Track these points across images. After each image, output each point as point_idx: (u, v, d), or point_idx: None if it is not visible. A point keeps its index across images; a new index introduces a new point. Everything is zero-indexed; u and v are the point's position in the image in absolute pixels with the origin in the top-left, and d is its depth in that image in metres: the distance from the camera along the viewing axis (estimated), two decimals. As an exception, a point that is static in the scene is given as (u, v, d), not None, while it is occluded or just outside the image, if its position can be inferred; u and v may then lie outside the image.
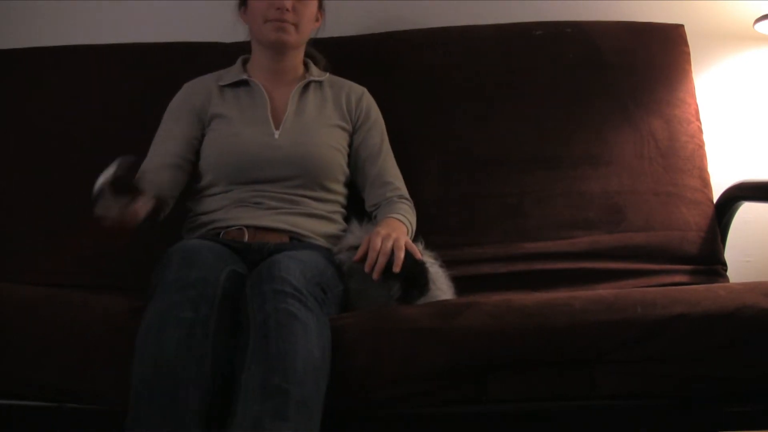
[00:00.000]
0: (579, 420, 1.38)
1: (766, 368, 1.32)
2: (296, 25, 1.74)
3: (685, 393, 1.34)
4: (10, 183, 1.97)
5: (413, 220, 1.75)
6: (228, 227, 1.66)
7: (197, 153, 1.76)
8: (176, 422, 1.20)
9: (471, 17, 2.12)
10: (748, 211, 2.00)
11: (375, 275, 1.46)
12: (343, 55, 1.95)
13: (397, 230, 1.59)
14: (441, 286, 1.56)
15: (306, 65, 1.86)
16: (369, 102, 1.85)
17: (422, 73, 2.02)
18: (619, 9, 2.17)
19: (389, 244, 1.47)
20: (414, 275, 1.49)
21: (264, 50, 1.80)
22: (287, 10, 1.71)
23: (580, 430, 1.40)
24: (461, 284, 1.63)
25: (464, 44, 2.04)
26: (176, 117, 1.79)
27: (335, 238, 1.69)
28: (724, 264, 1.87)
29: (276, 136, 1.72)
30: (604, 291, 1.54)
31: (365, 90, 1.86)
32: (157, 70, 2.04)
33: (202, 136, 1.76)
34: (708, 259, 1.85)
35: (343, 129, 1.80)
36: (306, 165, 1.71)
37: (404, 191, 1.80)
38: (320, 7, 1.83)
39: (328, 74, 1.87)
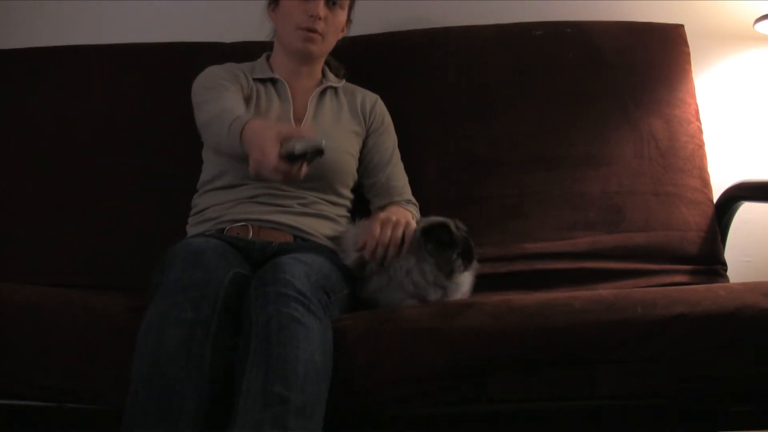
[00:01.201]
0: (579, 420, 1.38)
1: (766, 368, 1.32)
2: (324, 36, 1.75)
3: (685, 393, 1.34)
4: (10, 183, 1.97)
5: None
6: (233, 222, 1.65)
7: None
8: (171, 423, 1.20)
9: (471, 17, 2.12)
10: (748, 211, 2.00)
11: (374, 267, 1.48)
12: (343, 56, 1.95)
13: (398, 214, 1.59)
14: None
15: (323, 71, 1.87)
16: (382, 109, 1.87)
17: (422, 73, 2.02)
18: (619, 9, 2.17)
19: (399, 232, 1.50)
20: (468, 246, 1.50)
21: (287, 53, 1.81)
22: (320, 18, 1.72)
23: (580, 430, 1.40)
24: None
25: (465, 44, 2.04)
26: (228, 83, 1.73)
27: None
28: (724, 264, 1.87)
29: None
30: (604, 291, 1.54)
31: (378, 97, 1.89)
32: (157, 70, 2.04)
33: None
34: (708, 259, 1.85)
35: (357, 134, 1.81)
36: (323, 169, 1.70)
37: (411, 197, 1.82)
38: (348, 17, 1.84)
39: (344, 81, 1.88)
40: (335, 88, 1.85)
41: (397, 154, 1.85)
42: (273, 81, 1.81)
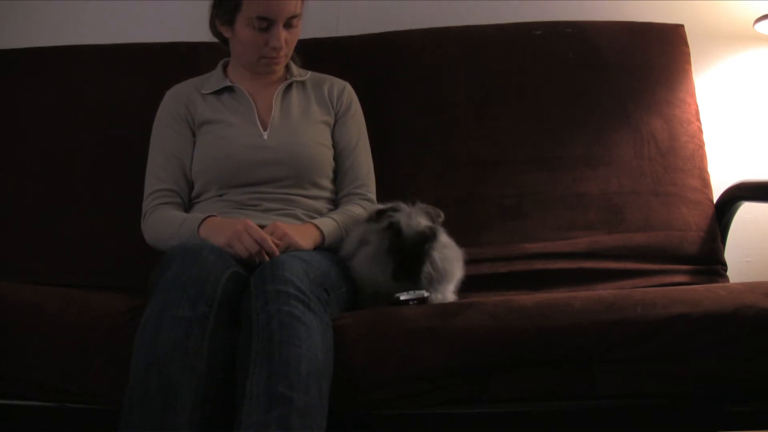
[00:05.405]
0: (579, 420, 1.38)
1: (766, 368, 1.32)
2: (287, 54, 1.74)
3: (685, 393, 1.34)
4: (9, 183, 1.97)
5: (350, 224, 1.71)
6: None
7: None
8: (167, 421, 1.19)
9: (471, 17, 2.12)
10: (748, 211, 2.00)
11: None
12: (342, 55, 1.95)
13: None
14: (449, 255, 1.53)
15: (286, 65, 1.83)
16: (351, 96, 1.84)
17: (422, 73, 2.02)
18: (619, 9, 2.17)
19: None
20: (415, 261, 1.47)
21: (246, 69, 1.78)
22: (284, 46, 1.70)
23: (580, 430, 1.40)
24: (461, 284, 1.63)
25: (464, 44, 2.04)
26: (174, 132, 1.76)
27: None
28: (724, 264, 1.87)
29: (265, 137, 1.71)
30: (604, 291, 1.54)
31: (348, 84, 1.85)
32: (157, 70, 2.04)
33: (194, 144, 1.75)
34: (708, 259, 1.85)
35: (327, 123, 1.79)
36: (296, 164, 1.70)
37: (370, 189, 1.78)
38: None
39: (310, 73, 1.84)
40: (302, 82, 1.82)
41: (364, 142, 1.82)
42: (229, 89, 1.77)
